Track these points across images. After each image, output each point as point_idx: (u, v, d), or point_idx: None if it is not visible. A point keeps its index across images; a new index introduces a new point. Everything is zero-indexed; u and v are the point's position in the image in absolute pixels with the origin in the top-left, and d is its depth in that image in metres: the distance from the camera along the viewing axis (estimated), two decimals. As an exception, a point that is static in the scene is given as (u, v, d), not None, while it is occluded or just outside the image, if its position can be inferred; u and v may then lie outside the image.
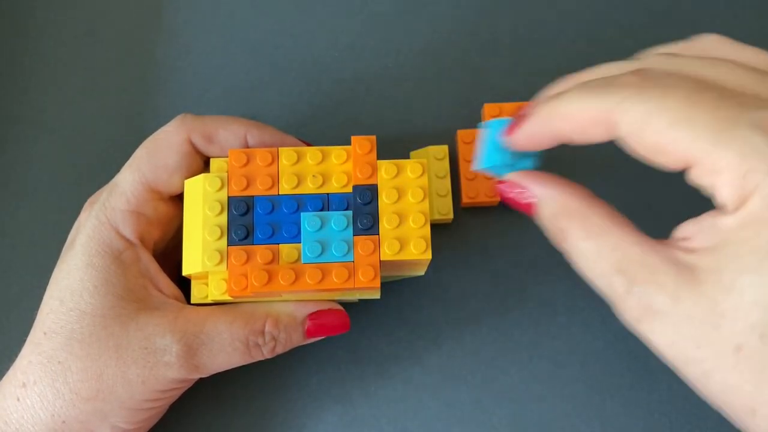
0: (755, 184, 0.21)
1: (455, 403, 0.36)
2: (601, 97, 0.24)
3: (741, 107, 0.21)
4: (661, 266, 0.23)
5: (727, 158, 0.21)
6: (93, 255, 0.31)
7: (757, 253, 0.21)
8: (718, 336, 0.21)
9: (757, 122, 0.21)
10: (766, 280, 0.21)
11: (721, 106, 0.22)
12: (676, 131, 0.22)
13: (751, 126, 0.21)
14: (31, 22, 0.42)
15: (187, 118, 0.32)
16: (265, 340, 0.31)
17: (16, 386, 0.30)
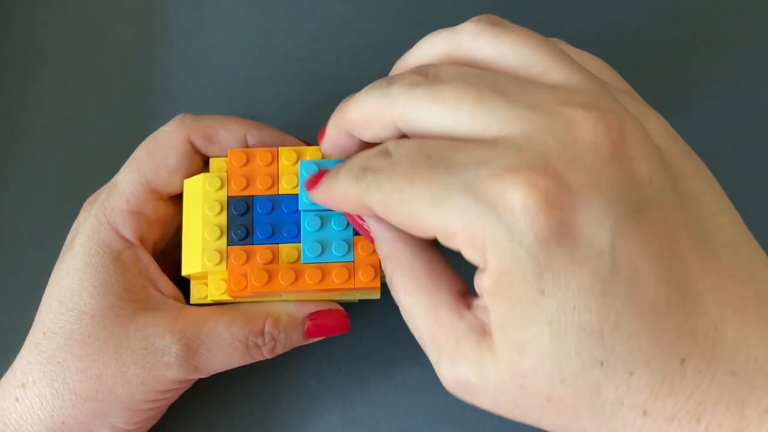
0: (482, 244, 0.21)
1: (455, 403, 0.35)
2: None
3: (449, 173, 0.22)
4: (465, 335, 0.23)
5: (453, 225, 0.21)
6: (92, 255, 0.30)
7: (521, 306, 0.21)
8: (528, 395, 0.22)
9: (464, 186, 0.21)
10: (540, 329, 0.21)
11: (433, 179, 0.22)
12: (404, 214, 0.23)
13: (460, 191, 0.21)
14: (32, 23, 0.42)
15: (187, 118, 0.32)
16: (264, 340, 0.31)
17: (15, 386, 0.30)
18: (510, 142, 0.21)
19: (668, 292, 0.21)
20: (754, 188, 0.38)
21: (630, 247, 0.21)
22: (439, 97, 0.23)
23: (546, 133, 0.21)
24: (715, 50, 0.41)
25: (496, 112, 0.22)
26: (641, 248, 0.21)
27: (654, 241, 0.21)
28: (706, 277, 0.22)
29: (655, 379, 0.21)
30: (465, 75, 0.23)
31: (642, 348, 0.21)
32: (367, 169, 0.24)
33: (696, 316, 0.21)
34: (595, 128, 0.21)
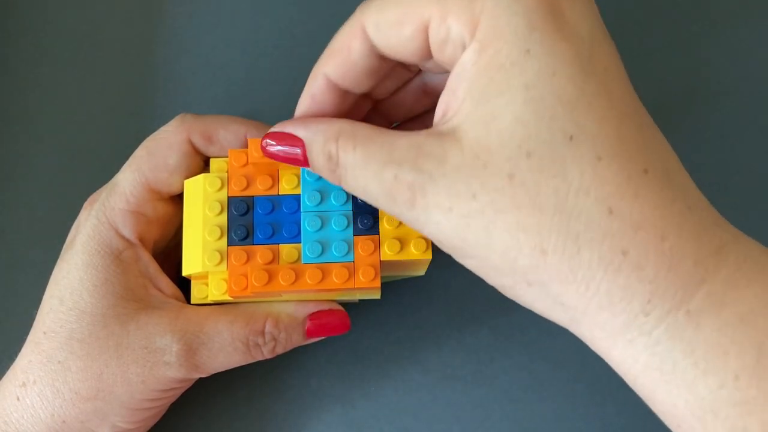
0: (480, 8, 0.22)
1: (455, 403, 0.36)
2: (347, 23, 0.26)
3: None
4: (426, 140, 0.23)
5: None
6: (93, 254, 0.31)
7: (501, 70, 0.21)
8: (490, 173, 0.21)
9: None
10: (516, 93, 0.21)
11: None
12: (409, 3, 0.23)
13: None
14: (31, 22, 0.42)
15: (187, 118, 0.32)
16: (265, 340, 0.31)
17: (16, 385, 0.30)
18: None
19: (633, 104, 0.22)
20: (755, 187, 0.38)
21: (603, 49, 0.22)
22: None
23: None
24: (715, 49, 0.41)
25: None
26: (612, 59, 0.22)
27: (617, 56, 0.22)
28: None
29: (622, 174, 0.21)
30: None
31: (610, 136, 0.21)
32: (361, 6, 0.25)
33: (649, 131, 0.22)
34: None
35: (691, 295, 0.21)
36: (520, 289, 0.23)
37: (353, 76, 0.26)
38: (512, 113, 0.21)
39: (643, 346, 0.22)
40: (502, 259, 0.22)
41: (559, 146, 0.21)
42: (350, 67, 0.26)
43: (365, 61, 0.26)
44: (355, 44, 0.25)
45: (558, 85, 0.21)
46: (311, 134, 0.26)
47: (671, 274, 0.21)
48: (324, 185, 0.30)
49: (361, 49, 0.25)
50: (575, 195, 0.21)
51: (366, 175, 0.24)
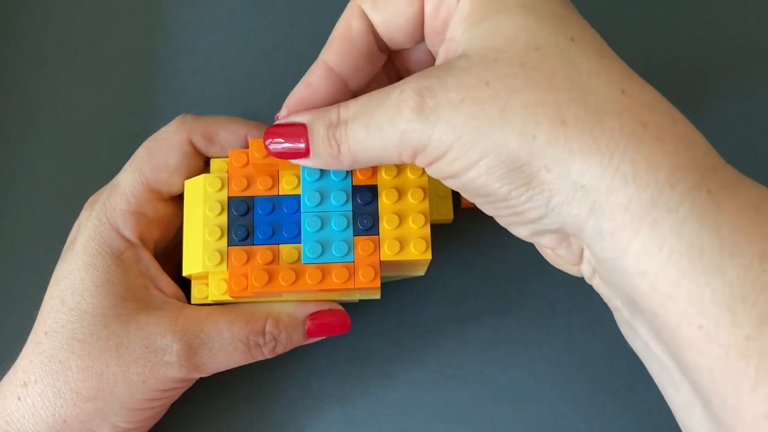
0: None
1: (455, 403, 0.36)
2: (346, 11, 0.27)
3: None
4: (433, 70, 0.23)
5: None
6: (94, 255, 0.31)
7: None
8: (501, 65, 0.22)
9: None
10: (515, 10, 0.23)
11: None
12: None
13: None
14: (31, 22, 0.42)
15: (188, 118, 0.32)
16: (265, 340, 0.31)
17: (17, 385, 0.30)
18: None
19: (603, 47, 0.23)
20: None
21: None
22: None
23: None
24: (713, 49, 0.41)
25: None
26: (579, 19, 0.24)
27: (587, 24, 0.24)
28: None
29: (626, 69, 0.23)
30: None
31: (603, 43, 0.23)
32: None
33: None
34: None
35: (709, 177, 0.22)
36: (537, 179, 0.22)
37: (351, 60, 0.27)
38: (514, 22, 0.22)
39: (669, 227, 0.21)
40: (519, 140, 0.22)
41: (564, 45, 0.22)
42: (349, 49, 0.27)
43: (363, 40, 0.27)
44: (354, 23, 0.26)
45: (551, 5, 0.23)
46: (313, 117, 0.27)
47: (689, 153, 0.21)
48: (324, 185, 0.30)
49: (360, 28, 0.26)
50: (587, 78, 0.22)
51: (368, 114, 0.24)
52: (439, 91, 0.23)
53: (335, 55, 0.27)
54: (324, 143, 0.26)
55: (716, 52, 0.40)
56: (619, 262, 0.22)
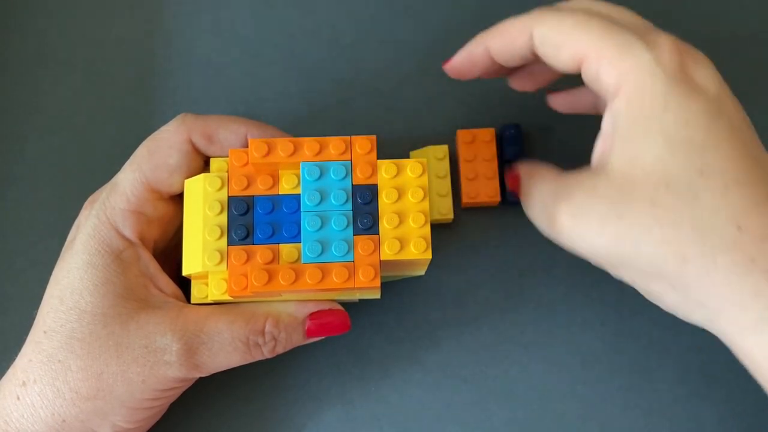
0: (630, 66, 0.27)
1: (455, 403, 0.36)
2: (524, 16, 0.31)
3: (619, 24, 0.29)
4: (577, 175, 0.28)
5: (609, 49, 0.28)
6: (93, 254, 0.31)
7: (645, 118, 0.27)
8: (635, 200, 0.26)
9: (631, 29, 0.28)
10: (657, 138, 0.26)
11: (607, 22, 0.29)
12: (575, 32, 0.29)
13: (626, 30, 0.28)
14: (31, 22, 0.42)
15: (188, 118, 0.32)
16: (265, 339, 0.31)
17: (16, 385, 0.30)
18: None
19: (756, 147, 0.27)
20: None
21: (728, 105, 0.27)
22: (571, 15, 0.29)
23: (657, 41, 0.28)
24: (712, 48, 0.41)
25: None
26: (737, 113, 0.27)
27: (744, 116, 0.28)
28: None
29: (748, 198, 0.26)
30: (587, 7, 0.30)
31: (736, 169, 0.26)
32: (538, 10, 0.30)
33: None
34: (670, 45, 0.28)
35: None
36: (665, 293, 0.28)
37: (508, 58, 0.32)
38: (653, 154, 0.26)
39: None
40: (650, 268, 0.27)
41: (693, 179, 0.26)
42: (509, 52, 0.32)
43: (521, 53, 0.31)
44: (520, 40, 0.31)
45: (690, 133, 0.26)
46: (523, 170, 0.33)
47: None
48: (324, 185, 0.30)
49: (522, 46, 0.31)
50: (708, 215, 0.25)
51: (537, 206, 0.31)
52: (590, 208, 0.28)
53: (496, 48, 0.32)
54: None
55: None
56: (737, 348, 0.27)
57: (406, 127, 0.39)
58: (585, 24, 0.29)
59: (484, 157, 0.38)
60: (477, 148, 0.38)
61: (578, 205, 0.28)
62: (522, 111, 0.40)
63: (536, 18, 0.30)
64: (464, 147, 0.38)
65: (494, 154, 0.38)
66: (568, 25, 0.29)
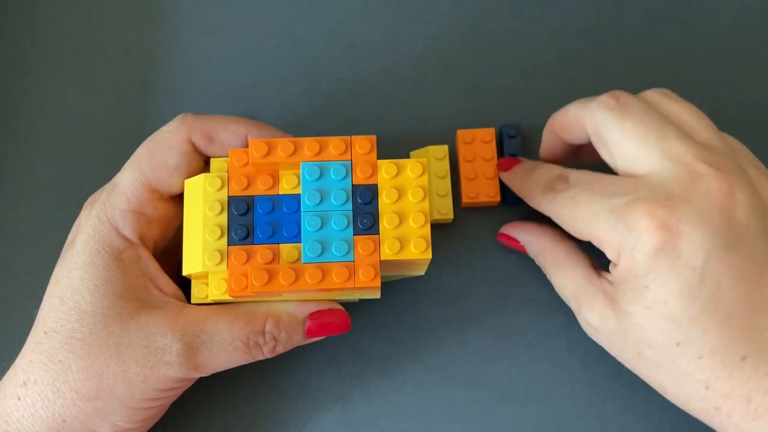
0: (618, 250, 0.30)
1: (455, 403, 0.36)
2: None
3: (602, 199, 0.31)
4: (596, 295, 0.32)
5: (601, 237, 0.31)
6: (93, 254, 0.31)
7: (632, 291, 0.30)
8: (628, 346, 0.31)
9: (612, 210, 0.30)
10: (639, 309, 0.30)
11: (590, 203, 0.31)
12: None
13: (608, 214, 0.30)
14: (31, 22, 0.42)
15: (188, 118, 0.32)
16: (265, 339, 0.31)
17: (16, 385, 0.30)
18: (649, 181, 0.30)
19: (742, 306, 0.29)
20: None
21: (718, 269, 0.28)
22: (620, 125, 0.31)
23: (676, 179, 0.29)
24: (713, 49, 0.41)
25: (650, 154, 0.30)
26: (727, 272, 0.29)
27: (739, 269, 0.29)
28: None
29: (718, 365, 0.29)
30: (644, 113, 0.31)
31: (710, 341, 0.29)
32: (549, 190, 0.33)
33: (761, 328, 0.29)
34: (712, 182, 0.29)
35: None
36: None
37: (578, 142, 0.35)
38: (638, 320, 0.30)
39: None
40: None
41: (670, 347, 0.29)
42: (576, 140, 0.34)
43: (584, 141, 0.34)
44: (579, 134, 0.34)
45: (667, 310, 0.29)
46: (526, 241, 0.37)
47: (755, 423, 0.28)
48: (324, 185, 0.30)
49: (583, 137, 0.34)
50: (683, 375, 0.29)
51: (561, 294, 0.35)
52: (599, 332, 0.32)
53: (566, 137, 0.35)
54: None
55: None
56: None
57: (406, 127, 0.39)
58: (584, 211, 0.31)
59: (484, 157, 0.38)
60: (477, 148, 0.38)
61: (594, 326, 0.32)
62: (522, 111, 0.40)
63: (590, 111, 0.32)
64: (464, 147, 0.38)
65: (494, 154, 0.38)
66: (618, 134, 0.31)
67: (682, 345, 0.29)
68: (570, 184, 0.33)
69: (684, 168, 0.29)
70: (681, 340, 0.29)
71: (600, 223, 0.30)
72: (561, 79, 0.40)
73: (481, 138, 0.38)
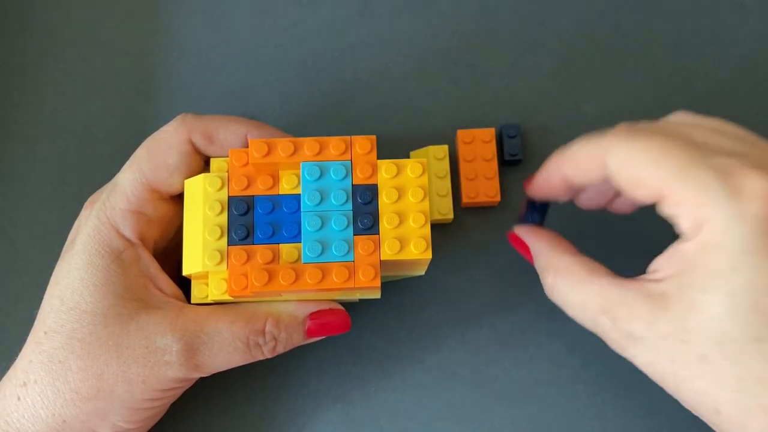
0: (707, 216, 0.25)
1: (455, 403, 0.36)
2: (597, 143, 0.29)
3: (702, 153, 0.26)
4: (636, 300, 0.27)
5: (687, 194, 0.26)
6: (93, 254, 0.31)
7: (710, 275, 0.25)
8: (687, 349, 0.26)
9: (714, 166, 0.26)
10: (718, 297, 0.25)
11: (687, 152, 0.26)
12: (650, 168, 0.27)
13: (708, 168, 0.26)
14: (31, 23, 0.42)
15: (188, 118, 0.32)
16: (265, 339, 0.31)
17: (16, 385, 0.30)
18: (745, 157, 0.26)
19: None
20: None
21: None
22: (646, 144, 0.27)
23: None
24: (710, 50, 0.41)
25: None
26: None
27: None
28: None
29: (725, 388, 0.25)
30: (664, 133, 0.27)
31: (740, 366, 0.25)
32: (611, 134, 0.28)
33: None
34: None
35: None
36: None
37: (585, 184, 0.31)
38: (713, 311, 0.25)
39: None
40: (686, 402, 0.27)
41: (747, 344, 0.25)
42: (585, 181, 0.30)
43: (597, 180, 0.30)
44: (594, 171, 0.29)
45: (755, 298, 0.24)
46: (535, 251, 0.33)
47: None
48: (324, 185, 0.30)
49: (596, 176, 0.29)
50: (754, 381, 0.25)
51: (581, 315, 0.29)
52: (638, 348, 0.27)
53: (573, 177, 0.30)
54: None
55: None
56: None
57: (406, 127, 0.39)
58: (662, 157, 0.26)
59: (484, 157, 0.38)
60: (477, 148, 0.38)
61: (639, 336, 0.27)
62: (522, 111, 0.40)
63: (610, 146, 0.28)
64: (464, 147, 0.38)
65: (494, 154, 0.38)
66: (643, 160, 0.27)
67: (762, 342, 0.24)
68: (661, 124, 0.28)
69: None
70: (763, 335, 0.24)
71: (691, 177, 0.26)
72: (561, 79, 0.40)
73: (481, 138, 0.38)
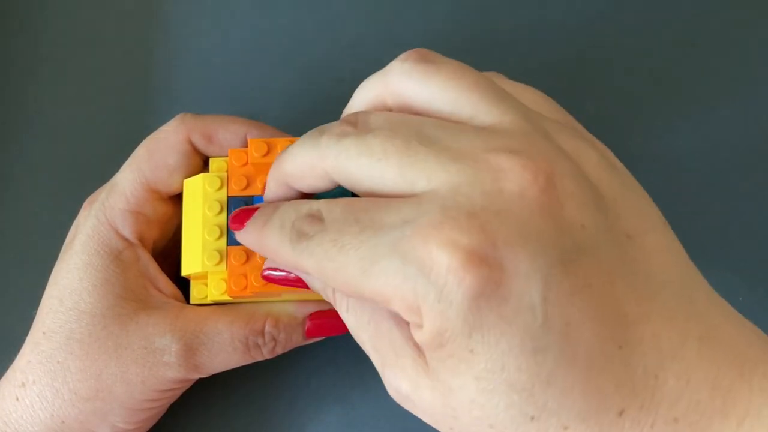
0: (416, 306, 0.21)
1: (455, 403, 0.35)
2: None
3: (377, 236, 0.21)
4: (403, 348, 0.22)
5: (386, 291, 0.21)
6: (92, 254, 0.31)
7: (450, 359, 0.21)
8: (460, 425, 0.22)
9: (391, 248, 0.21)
10: (469, 383, 0.21)
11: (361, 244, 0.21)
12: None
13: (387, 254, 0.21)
14: (31, 22, 0.42)
15: (187, 118, 0.32)
16: (265, 340, 0.31)
17: (15, 386, 0.30)
18: (436, 197, 0.21)
19: (604, 343, 0.21)
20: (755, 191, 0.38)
21: (562, 299, 0.20)
22: (367, 149, 0.22)
23: (472, 184, 0.21)
24: (710, 49, 0.41)
25: (423, 164, 0.21)
26: (574, 299, 0.20)
27: (588, 291, 0.20)
28: (644, 323, 0.21)
29: (590, 429, 0.21)
30: (393, 123, 0.23)
31: (576, 402, 0.20)
32: (300, 237, 0.23)
33: (634, 365, 0.21)
34: (521, 176, 0.20)
35: None
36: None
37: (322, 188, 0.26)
38: (467, 396, 0.21)
39: None
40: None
41: (522, 425, 0.21)
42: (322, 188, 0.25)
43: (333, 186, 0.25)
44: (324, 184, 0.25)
45: (509, 377, 0.20)
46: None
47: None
48: None
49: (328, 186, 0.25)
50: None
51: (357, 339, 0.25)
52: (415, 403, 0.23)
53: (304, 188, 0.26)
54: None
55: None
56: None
57: (406, 127, 0.39)
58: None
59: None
60: (477, 148, 0.38)
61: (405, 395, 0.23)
62: (522, 111, 0.39)
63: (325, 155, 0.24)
64: (464, 147, 0.38)
65: (494, 153, 0.37)
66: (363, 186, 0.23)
67: (538, 419, 0.21)
68: (327, 223, 0.23)
69: (477, 167, 0.21)
70: (535, 413, 0.20)
71: (379, 272, 0.21)
72: (561, 79, 0.40)
73: (482, 138, 0.38)
